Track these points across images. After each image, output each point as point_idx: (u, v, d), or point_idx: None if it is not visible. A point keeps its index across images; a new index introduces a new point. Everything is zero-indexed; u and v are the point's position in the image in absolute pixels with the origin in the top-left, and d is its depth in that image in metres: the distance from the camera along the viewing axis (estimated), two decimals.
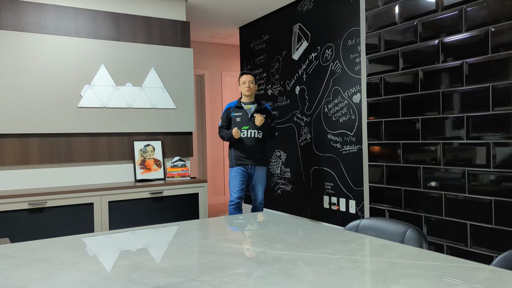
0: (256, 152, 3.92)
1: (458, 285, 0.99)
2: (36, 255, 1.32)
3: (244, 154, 3.92)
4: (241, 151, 3.93)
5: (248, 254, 1.28)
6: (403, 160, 3.02)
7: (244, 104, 3.99)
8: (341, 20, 4.07)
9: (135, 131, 4.06)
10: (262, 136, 3.94)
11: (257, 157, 3.93)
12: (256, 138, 3.91)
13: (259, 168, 3.96)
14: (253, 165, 3.93)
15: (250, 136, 3.90)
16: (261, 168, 3.98)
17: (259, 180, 3.98)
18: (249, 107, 3.96)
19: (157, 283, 1.04)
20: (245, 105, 3.98)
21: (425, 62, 2.85)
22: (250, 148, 3.90)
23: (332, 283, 1.02)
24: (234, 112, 3.96)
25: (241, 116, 3.92)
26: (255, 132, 3.91)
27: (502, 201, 2.45)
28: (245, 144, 3.91)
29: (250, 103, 3.99)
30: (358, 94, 3.86)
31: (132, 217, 3.70)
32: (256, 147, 3.91)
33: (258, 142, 3.91)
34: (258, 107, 3.98)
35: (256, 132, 3.90)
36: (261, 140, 3.94)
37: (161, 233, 1.63)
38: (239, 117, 3.93)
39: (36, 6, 3.67)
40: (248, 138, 3.90)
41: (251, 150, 3.90)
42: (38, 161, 3.65)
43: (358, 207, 3.90)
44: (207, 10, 4.89)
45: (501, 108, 2.44)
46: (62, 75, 3.73)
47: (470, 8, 2.58)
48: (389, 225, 1.64)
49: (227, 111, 4.02)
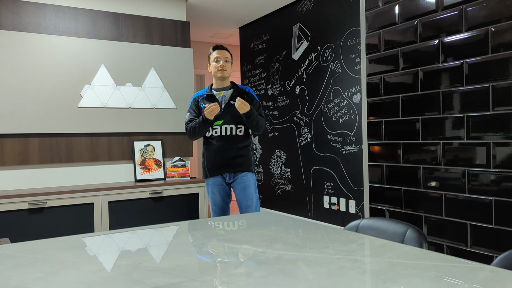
0: (235, 156, 2.92)
1: (458, 285, 0.99)
2: (36, 255, 1.32)
3: (219, 159, 2.92)
4: (214, 155, 2.93)
5: (248, 254, 1.28)
6: (403, 160, 3.02)
7: (216, 90, 2.98)
8: (341, 20, 4.07)
9: (135, 131, 4.06)
10: (244, 131, 2.95)
11: (237, 162, 2.92)
12: (235, 136, 2.92)
13: (242, 174, 2.94)
14: (232, 172, 2.94)
15: (226, 133, 2.91)
16: (245, 174, 2.94)
17: (243, 193, 2.93)
18: (222, 94, 2.95)
19: (157, 283, 1.04)
20: (217, 92, 2.97)
21: (425, 62, 2.85)
22: (227, 150, 2.91)
23: (332, 283, 1.02)
24: (204, 103, 2.98)
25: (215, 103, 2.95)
26: (232, 128, 2.91)
27: (502, 201, 2.45)
28: (219, 145, 2.91)
29: (223, 88, 2.98)
30: (358, 94, 3.86)
31: (132, 217, 3.70)
32: (234, 148, 2.91)
33: (237, 141, 2.93)
34: (235, 92, 2.96)
35: (233, 128, 2.91)
36: (241, 138, 2.95)
37: (161, 233, 1.63)
38: None
39: (36, 6, 3.67)
40: (223, 136, 2.91)
41: (228, 153, 2.91)
42: (38, 161, 3.65)
43: (358, 207, 3.89)
44: (207, 10, 4.89)
45: (501, 108, 2.44)
46: (62, 75, 3.73)
47: (470, 8, 2.58)
48: (389, 225, 1.64)
49: (194, 101, 3.02)
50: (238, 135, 2.94)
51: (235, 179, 2.96)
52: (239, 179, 2.94)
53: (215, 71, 2.93)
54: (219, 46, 2.98)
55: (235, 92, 2.95)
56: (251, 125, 2.87)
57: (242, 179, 2.93)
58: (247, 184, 2.94)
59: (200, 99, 3.01)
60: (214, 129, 2.91)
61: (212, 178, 2.97)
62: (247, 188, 2.94)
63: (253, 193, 2.95)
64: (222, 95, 2.95)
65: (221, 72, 2.91)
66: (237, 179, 2.95)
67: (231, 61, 3.02)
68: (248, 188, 2.94)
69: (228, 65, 2.95)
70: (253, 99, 2.98)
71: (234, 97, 2.92)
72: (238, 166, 2.93)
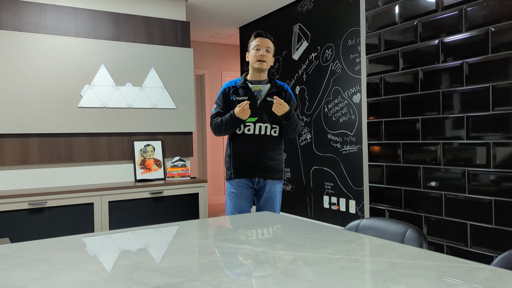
0: (267, 158, 2.60)
1: (458, 285, 0.99)
2: (36, 255, 1.32)
3: (249, 160, 2.60)
4: (243, 155, 2.61)
5: (248, 254, 1.28)
6: (403, 160, 3.02)
7: (252, 83, 2.63)
8: (341, 20, 4.07)
9: (135, 131, 4.06)
10: (278, 133, 2.64)
11: (269, 166, 2.61)
12: (269, 137, 2.61)
13: (272, 183, 2.63)
14: (262, 178, 2.62)
15: (259, 133, 2.59)
16: (274, 183, 2.64)
17: (267, 204, 2.63)
18: (259, 88, 2.62)
19: (157, 283, 1.04)
20: (253, 84, 2.63)
21: (425, 62, 2.85)
22: (259, 151, 2.60)
23: (332, 283, 1.02)
24: (236, 95, 2.61)
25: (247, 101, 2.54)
26: (267, 127, 2.59)
27: (502, 201, 2.45)
28: (250, 145, 2.60)
29: (259, 82, 2.64)
30: (358, 94, 3.86)
31: (132, 217, 3.69)
32: (267, 151, 2.61)
33: (271, 142, 2.62)
34: (273, 88, 2.62)
35: (268, 127, 2.60)
36: (275, 140, 2.64)
37: (161, 233, 1.63)
38: None
39: (36, 6, 3.67)
40: (256, 136, 2.59)
41: (259, 155, 2.60)
42: (38, 161, 3.65)
43: (358, 207, 3.89)
44: (207, 10, 4.89)
45: (501, 108, 2.44)
46: (62, 75, 3.73)
47: (470, 8, 2.58)
48: (389, 225, 1.64)
49: (224, 93, 2.65)
50: (273, 136, 2.62)
51: (263, 186, 2.63)
52: (267, 188, 2.63)
53: (253, 60, 2.59)
54: (262, 33, 2.62)
55: (273, 88, 2.62)
56: (289, 128, 2.58)
57: (270, 189, 2.63)
58: (275, 195, 2.65)
59: (232, 90, 2.62)
60: (246, 126, 2.57)
61: (237, 180, 2.62)
62: (274, 199, 2.65)
63: (277, 205, 2.67)
64: (259, 89, 2.60)
65: (260, 63, 2.57)
66: (265, 187, 2.63)
67: (273, 52, 2.66)
68: (275, 199, 2.65)
69: (269, 56, 2.60)
70: (290, 99, 2.66)
71: (272, 93, 2.59)
72: (269, 171, 2.61)
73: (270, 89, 2.61)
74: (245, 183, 2.63)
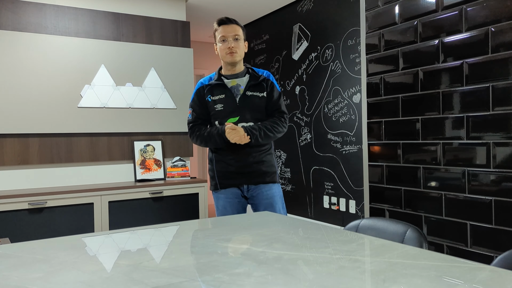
0: (255, 161, 2.26)
1: (458, 285, 0.99)
2: (36, 255, 1.32)
3: (234, 166, 2.25)
4: (228, 161, 2.26)
5: (248, 254, 1.28)
6: (403, 160, 3.02)
7: (227, 78, 2.29)
8: (341, 20, 4.07)
9: (135, 131, 4.06)
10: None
11: (259, 170, 2.27)
12: None
13: (266, 187, 2.28)
14: (253, 184, 2.28)
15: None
16: (270, 187, 2.29)
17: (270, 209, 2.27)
18: (236, 83, 2.28)
19: (157, 283, 1.04)
20: (229, 79, 2.28)
21: (425, 62, 2.85)
22: (244, 154, 2.25)
23: (332, 283, 1.02)
24: (212, 95, 2.27)
25: (224, 100, 2.25)
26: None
27: (502, 201, 2.44)
28: (234, 149, 2.24)
29: (236, 75, 2.30)
30: (358, 94, 3.86)
31: (132, 217, 3.69)
32: (254, 152, 2.26)
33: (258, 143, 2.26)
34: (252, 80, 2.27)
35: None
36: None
37: (161, 233, 1.63)
38: (221, 101, 2.25)
39: (36, 6, 3.67)
40: None
41: (246, 158, 2.25)
42: (38, 161, 3.65)
43: (358, 207, 3.89)
44: (207, 10, 4.89)
45: (501, 108, 2.44)
46: (62, 75, 3.73)
47: (470, 8, 2.58)
48: (389, 225, 1.64)
49: (198, 92, 2.31)
50: None
51: (255, 193, 2.28)
52: (261, 194, 2.27)
53: (222, 54, 2.23)
54: (224, 20, 2.23)
55: (252, 80, 2.27)
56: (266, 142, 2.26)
57: (266, 194, 2.27)
58: (274, 200, 2.28)
59: (207, 89, 2.29)
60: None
61: (224, 191, 2.28)
62: (274, 205, 2.28)
63: (280, 211, 2.31)
64: (236, 84, 2.26)
65: (231, 55, 2.21)
66: (258, 193, 2.27)
67: (244, 37, 2.28)
68: (276, 205, 2.29)
69: (239, 44, 2.23)
70: (273, 88, 2.29)
71: (252, 86, 2.25)
72: (259, 176, 2.27)
73: (249, 82, 2.27)
74: (233, 192, 2.29)
